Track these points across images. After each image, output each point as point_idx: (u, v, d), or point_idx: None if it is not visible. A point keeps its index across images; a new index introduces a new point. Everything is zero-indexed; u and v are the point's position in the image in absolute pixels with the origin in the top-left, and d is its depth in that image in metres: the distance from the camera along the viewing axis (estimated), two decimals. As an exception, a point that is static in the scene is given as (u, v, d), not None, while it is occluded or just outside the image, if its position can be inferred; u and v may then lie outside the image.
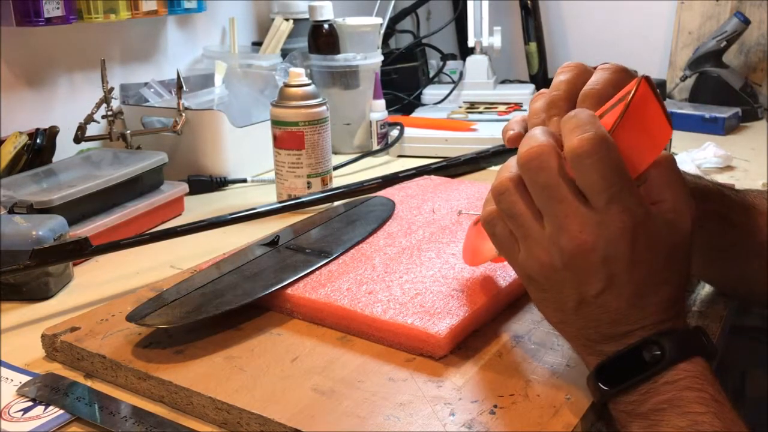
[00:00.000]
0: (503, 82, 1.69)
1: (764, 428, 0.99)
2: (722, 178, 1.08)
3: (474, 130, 1.30)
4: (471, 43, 1.54)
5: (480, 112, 1.44)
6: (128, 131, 1.05)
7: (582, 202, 0.44)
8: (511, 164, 0.48)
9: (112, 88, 1.03)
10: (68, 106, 1.13)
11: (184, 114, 1.07)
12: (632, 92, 0.45)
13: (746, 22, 1.46)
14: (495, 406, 0.50)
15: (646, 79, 0.45)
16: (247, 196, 1.09)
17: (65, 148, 1.03)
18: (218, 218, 0.80)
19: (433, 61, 1.68)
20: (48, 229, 0.73)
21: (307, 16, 1.32)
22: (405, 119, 1.37)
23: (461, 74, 1.55)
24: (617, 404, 0.47)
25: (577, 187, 0.45)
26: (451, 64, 1.62)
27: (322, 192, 0.95)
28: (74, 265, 0.80)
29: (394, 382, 0.53)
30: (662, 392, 0.44)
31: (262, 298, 0.64)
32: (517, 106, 1.45)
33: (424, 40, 1.67)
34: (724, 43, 1.48)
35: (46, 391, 0.56)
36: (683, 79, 1.55)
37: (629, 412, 0.45)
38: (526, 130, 0.52)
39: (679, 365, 0.44)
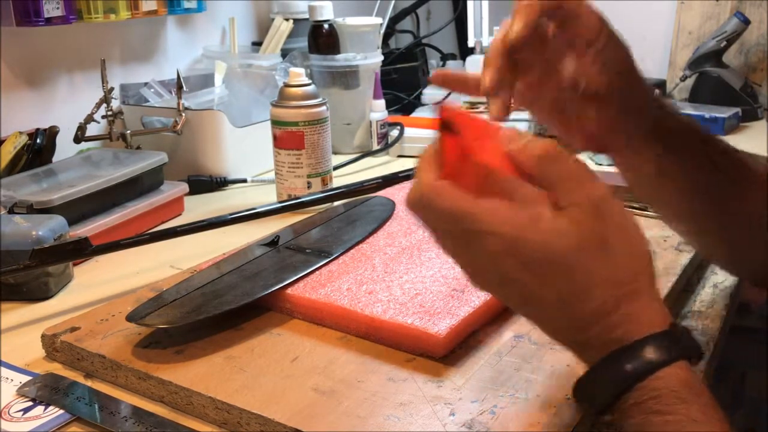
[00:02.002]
0: (503, 82, 1.69)
1: (764, 428, 0.99)
2: (722, 178, 1.08)
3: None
4: (471, 43, 1.54)
5: (480, 112, 1.43)
6: (128, 131, 1.05)
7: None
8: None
9: (112, 88, 1.03)
10: (68, 106, 1.13)
11: (184, 114, 1.07)
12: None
13: (746, 22, 1.46)
14: (495, 406, 0.50)
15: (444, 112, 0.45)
16: (247, 196, 1.09)
17: (65, 148, 1.03)
18: (218, 218, 0.80)
19: (433, 61, 1.68)
20: (48, 229, 0.73)
21: (307, 16, 1.32)
22: (405, 119, 1.37)
23: (461, 74, 1.55)
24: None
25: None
26: (451, 64, 1.62)
27: (322, 192, 0.95)
28: (74, 265, 0.80)
29: (394, 382, 0.53)
30: (632, 415, 0.41)
31: (262, 298, 0.64)
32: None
33: (424, 40, 1.67)
34: (724, 43, 1.48)
35: (46, 391, 0.56)
36: (683, 79, 1.55)
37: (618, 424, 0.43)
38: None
39: (642, 383, 0.41)
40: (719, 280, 0.75)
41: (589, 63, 0.52)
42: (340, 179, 1.08)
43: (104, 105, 1.02)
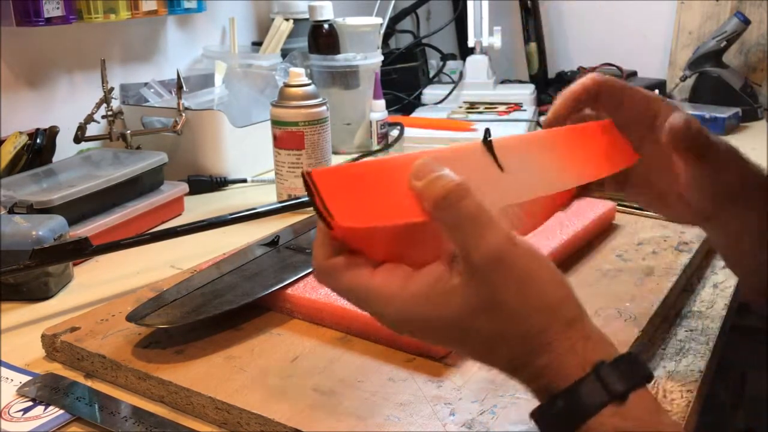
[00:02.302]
0: (503, 82, 1.69)
1: (764, 428, 0.99)
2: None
3: (474, 130, 1.30)
4: (471, 43, 1.54)
5: (480, 112, 1.44)
6: (128, 131, 1.05)
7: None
8: None
9: (112, 88, 1.03)
10: (68, 106, 1.13)
11: (184, 114, 1.07)
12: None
13: (746, 22, 1.46)
14: (495, 406, 0.50)
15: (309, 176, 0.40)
16: (247, 196, 1.09)
17: (65, 148, 1.03)
18: (218, 218, 0.80)
19: (433, 61, 1.68)
20: (48, 229, 0.73)
21: (307, 16, 1.32)
22: (405, 119, 1.37)
23: (461, 74, 1.55)
24: None
25: None
26: (451, 64, 1.62)
27: (322, 192, 0.95)
28: (74, 265, 0.80)
29: (394, 382, 0.53)
30: None
31: (262, 298, 0.64)
32: (517, 106, 1.45)
33: (424, 40, 1.67)
34: (724, 43, 1.48)
35: (46, 391, 0.56)
36: (683, 79, 1.55)
37: None
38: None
39: (586, 425, 0.39)
40: (719, 280, 0.75)
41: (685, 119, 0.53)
42: (340, 179, 1.08)
43: (104, 105, 1.02)
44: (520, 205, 0.55)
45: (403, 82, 1.54)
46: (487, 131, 0.47)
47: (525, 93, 1.50)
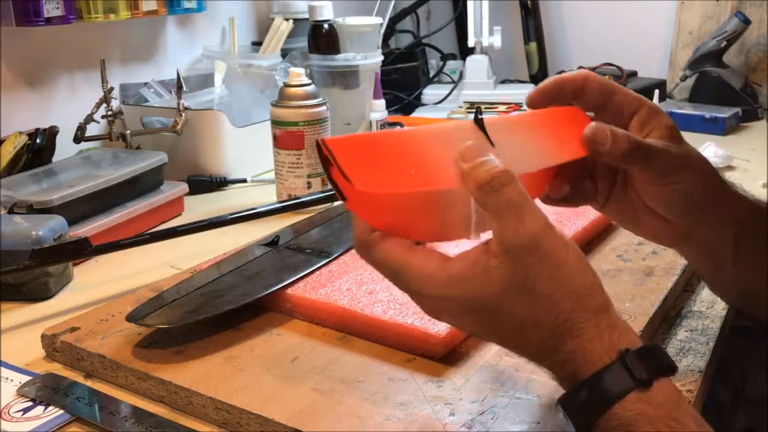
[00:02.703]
0: (503, 82, 1.69)
1: (764, 428, 0.99)
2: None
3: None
4: (471, 43, 1.54)
5: (480, 112, 1.43)
6: (128, 131, 1.05)
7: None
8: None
9: (111, 88, 1.03)
10: (68, 106, 1.13)
11: (184, 114, 1.07)
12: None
13: (746, 22, 1.46)
14: (495, 406, 0.50)
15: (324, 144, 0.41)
16: (247, 196, 1.09)
17: (65, 148, 1.03)
18: (218, 218, 0.80)
19: (433, 61, 1.68)
20: (48, 229, 0.73)
21: (307, 16, 1.32)
22: (405, 119, 1.37)
23: (461, 74, 1.55)
24: None
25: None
26: (451, 64, 1.62)
27: (322, 192, 0.95)
28: (74, 265, 0.80)
29: (394, 382, 0.53)
30: None
31: (262, 298, 0.64)
32: (517, 106, 1.45)
33: (424, 40, 1.67)
34: (725, 43, 1.48)
35: (46, 391, 0.56)
36: (683, 79, 1.55)
37: None
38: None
39: (604, 418, 0.40)
40: (719, 280, 0.75)
41: (640, 134, 0.53)
42: (340, 179, 1.08)
43: (104, 105, 1.02)
44: None
45: (403, 82, 1.54)
46: (478, 109, 0.50)
47: (525, 93, 1.49)
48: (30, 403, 0.55)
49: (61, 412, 0.53)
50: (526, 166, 0.48)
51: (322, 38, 1.29)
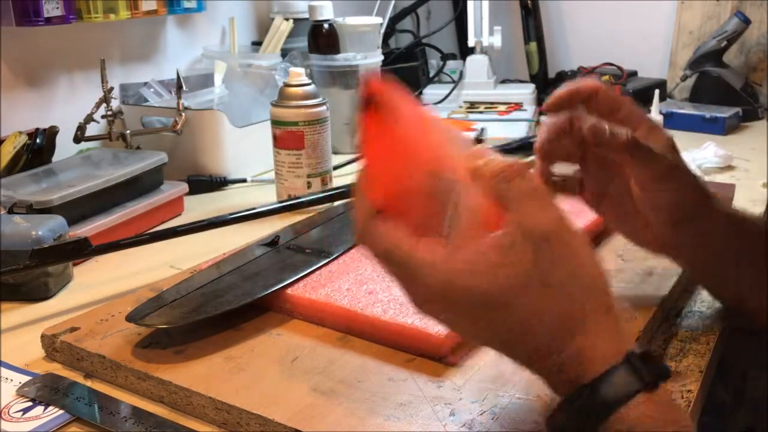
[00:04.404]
0: (503, 82, 1.69)
1: (765, 428, 0.99)
2: (722, 178, 1.08)
3: (474, 130, 1.29)
4: (471, 43, 1.54)
5: (480, 112, 1.44)
6: (128, 131, 1.05)
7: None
8: None
9: (111, 88, 1.03)
10: (68, 106, 1.13)
11: (183, 114, 1.07)
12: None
13: (746, 21, 1.46)
14: (495, 407, 0.50)
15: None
16: (247, 196, 1.09)
17: (65, 148, 1.03)
18: (218, 218, 0.80)
19: (433, 61, 1.68)
20: (48, 229, 0.73)
21: (307, 15, 1.32)
22: (405, 119, 1.37)
23: (461, 74, 1.55)
24: None
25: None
26: (451, 64, 1.62)
27: (322, 192, 0.95)
28: (74, 265, 0.80)
29: (394, 382, 0.53)
30: None
31: (262, 298, 0.64)
32: (518, 106, 1.45)
33: (424, 40, 1.67)
34: (725, 42, 1.48)
35: (45, 391, 0.56)
36: (683, 79, 1.55)
37: None
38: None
39: (606, 424, 0.40)
40: (719, 280, 0.75)
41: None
42: (340, 179, 1.08)
43: (104, 105, 1.02)
44: None
45: (403, 81, 1.53)
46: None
47: (525, 93, 1.50)
48: (30, 403, 0.55)
49: (61, 412, 0.53)
50: None
51: (322, 38, 1.29)
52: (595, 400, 0.40)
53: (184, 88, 1.08)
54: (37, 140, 0.98)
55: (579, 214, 0.78)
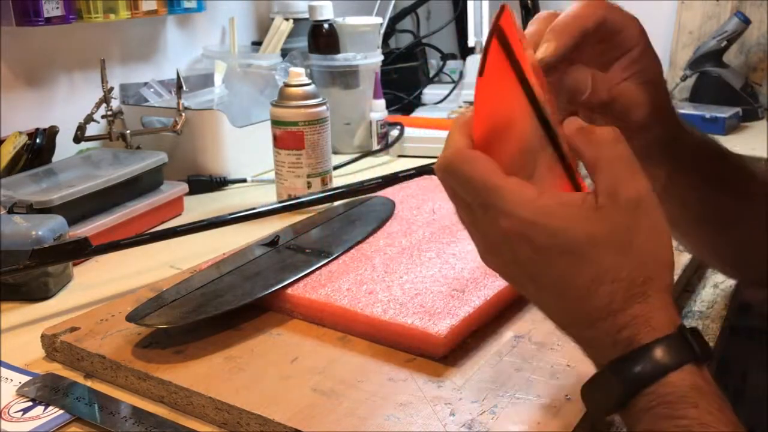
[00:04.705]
0: (503, 81, 1.69)
1: (765, 428, 0.99)
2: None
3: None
4: (471, 42, 1.54)
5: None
6: (128, 131, 1.05)
7: (470, 211, 0.45)
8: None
9: (111, 88, 1.03)
10: (68, 106, 1.12)
11: (183, 114, 1.07)
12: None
13: (746, 21, 1.46)
14: (495, 406, 0.50)
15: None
16: (247, 196, 1.09)
17: (65, 148, 1.03)
18: (218, 218, 0.80)
19: (433, 61, 1.68)
20: (48, 229, 0.73)
21: (307, 15, 1.32)
22: (405, 119, 1.37)
23: (461, 74, 1.55)
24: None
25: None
26: (451, 64, 1.62)
27: (322, 192, 0.95)
28: (74, 265, 0.80)
29: (394, 382, 0.53)
30: (642, 419, 0.41)
31: (262, 298, 0.64)
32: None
33: (424, 40, 1.67)
34: (725, 42, 1.48)
35: (45, 391, 0.56)
36: (683, 78, 1.54)
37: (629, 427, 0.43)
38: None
39: (651, 389, 0.40)
40: (719, 280, 0.75)
41: (624, 73, 0.51)
42: (340, 179, 1.08)
43: (104, 105, 1.02)
44: None
45: (403, 81, 1.54)
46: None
47: (525, 93, 1.49)
48: (30, 403, 0.55)
49: (61, 412, 0.53)
50: None
51: (322, 38, 1.29)
52: (645, 364, 0.40)
53: (184, 88, 1.08)
54: (37, 140, 0.98)
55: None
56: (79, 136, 1.01)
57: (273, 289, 0.64)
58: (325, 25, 1.29)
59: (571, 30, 0.48)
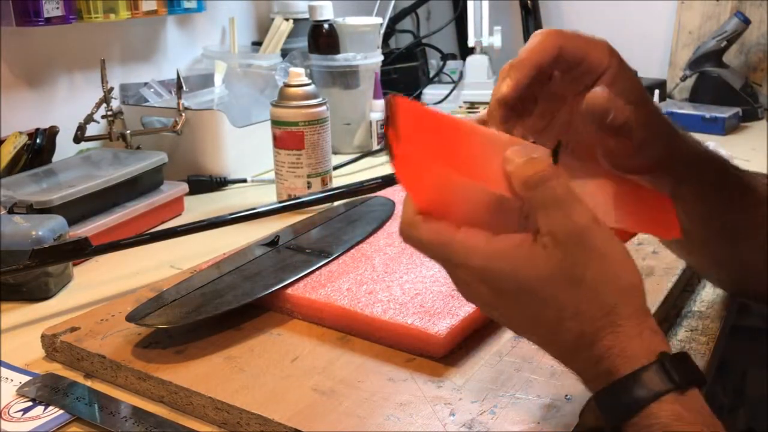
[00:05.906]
0: (503, 82, 1.69)
1: (765, 428, 0.99)
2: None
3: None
4: (471, 43, 1.54)
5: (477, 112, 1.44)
6: (128, 131, 1.05)
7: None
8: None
9: (111, 88, 1.03)
10: (68, 106, 1.13)
11: (184, 114, 1.07)
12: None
13: (746, 22, 1.46)
14: (495, 406, 0.50)
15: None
16: (247, 196, 1.09)
17: (65, 148, 1.03)
18: (218, 218, 0.80)
19: (433, 61, 1.68)
20: (48, 229, 0.73)
21: (307, 16, 1.32)
22: (405, 119, 1.37)
23: (461, 74, 1.55)
24: None
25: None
26: (451, 64, 1.62)
27: (322, 192, 0.95)
28: (74, 265, 0.80)
29: (394, 382, 0.53)
30: None
31: (262, 298, 0.64)
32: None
33: (424, 40, 1.67)
34: (725, 42, 1.48)
35: (46, 391, 0.56)
36: (683, 79, 1.55)
37: None
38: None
39: (634, 420, 0.40)
40: (719, 280, 0.75)
41: (609, 95, 0.48)
42: (340, 179, 1.08)
43: (104, 105, 1.02)
44: None
45: (403, 82, 1.54)
46: (559, 143, 0.48)
47: (525, 93, 1.49)
48: (30, 403, 0.55)
49: (61, 412, 0.53)
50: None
51: (322, 38, 1.29)
52: (627, 395, 0.41)
53: (184, 88, 1.08)
54: (37, 140, 0.98)
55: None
56: (79, 136, 1.01)
57: (273, 289, 0.64)
58: (325, 25, 1.29)
59: (525, 65, 0.48)
